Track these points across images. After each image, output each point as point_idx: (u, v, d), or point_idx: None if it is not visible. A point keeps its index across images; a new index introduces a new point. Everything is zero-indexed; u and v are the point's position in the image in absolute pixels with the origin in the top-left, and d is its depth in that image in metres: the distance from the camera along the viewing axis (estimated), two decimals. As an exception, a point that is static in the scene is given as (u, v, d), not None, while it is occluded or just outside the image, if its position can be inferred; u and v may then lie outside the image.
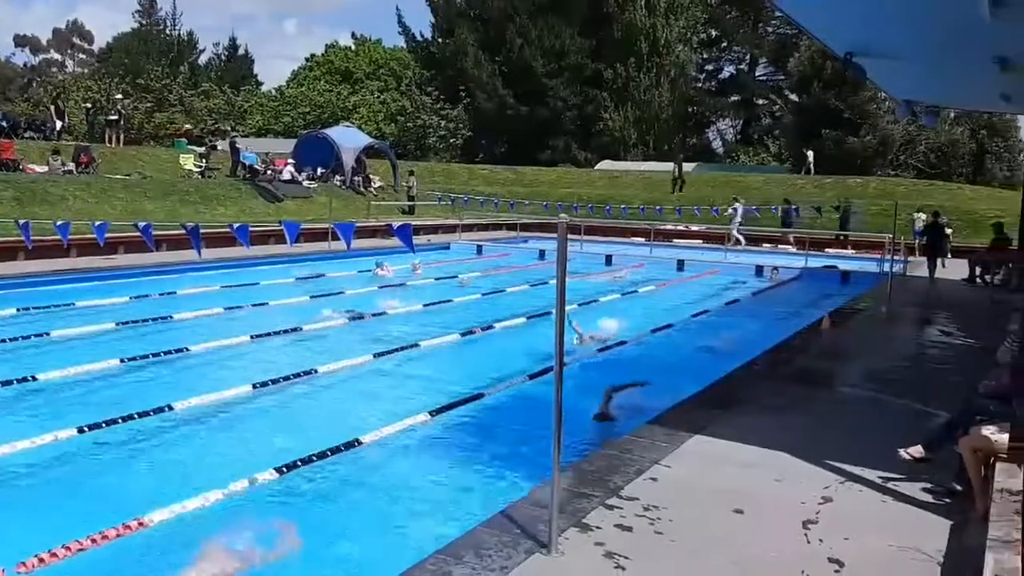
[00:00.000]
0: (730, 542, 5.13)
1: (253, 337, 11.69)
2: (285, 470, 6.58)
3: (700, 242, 29.66)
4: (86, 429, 7.34)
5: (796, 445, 6.83)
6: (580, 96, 56.44)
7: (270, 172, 30.43)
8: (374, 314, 13.86)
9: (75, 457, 7.15)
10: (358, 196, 32.05)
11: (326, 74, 69.28)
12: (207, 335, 11.66)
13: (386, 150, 38.42)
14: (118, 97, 37.37)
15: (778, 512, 5.60)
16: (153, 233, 15.00)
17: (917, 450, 6.20)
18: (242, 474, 6.38)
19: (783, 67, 56.11)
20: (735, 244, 27.83)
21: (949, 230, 25.90)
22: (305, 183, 30.69)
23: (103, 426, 7.52)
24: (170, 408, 8.12)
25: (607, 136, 55.79)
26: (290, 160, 31.90)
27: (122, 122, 33.97)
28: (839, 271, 21.82)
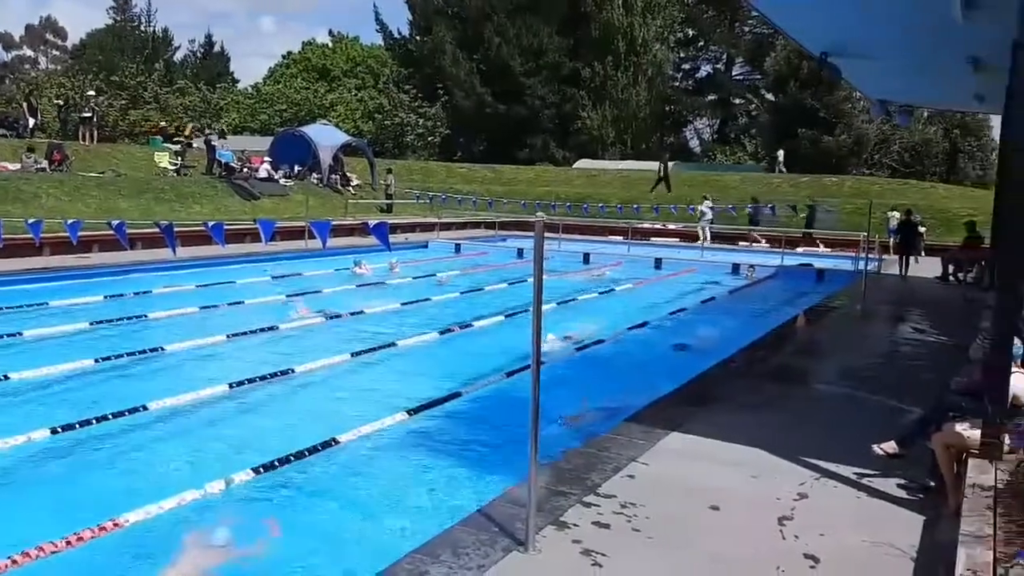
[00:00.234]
0: (706, 539, 5.17)
1: (229, 336, 11.61)
2: (262, 470, 6.54)
3: (677, 241, 29.87)
4: (59, 430, 7.26)
5: (772, 442, 6.88)
6: (558, 95, 56.54)
7: (246, 170, 30.22)
8: (351, 313, 13.80)
9: (48, 458, 7.06)
10: (335, 194, 31.93)
11: (303, 71, 69.00)
12: (182, 334, 11.56)
13: (364, 148, 38.29)
14: (91, 94, 36.90)
15: (754, 509, 5.64)
16: (127, 231, 14.90)
17: (891, 446, 6.26)
18: (218, 474, 6.33)
19: (759, 66, 56.55)
20: (703, 241, 28.42)
21: (923, 228, 26.24)
22: (282, 181, 30.52)
23: (76, 427, 7.44)
24: (145, 408, 8.04)
25: (585, 135, 55.92)
26: (267, 158, 31.71)
27: (95, 119, 33.62)
28: (814, 269, 21.99)
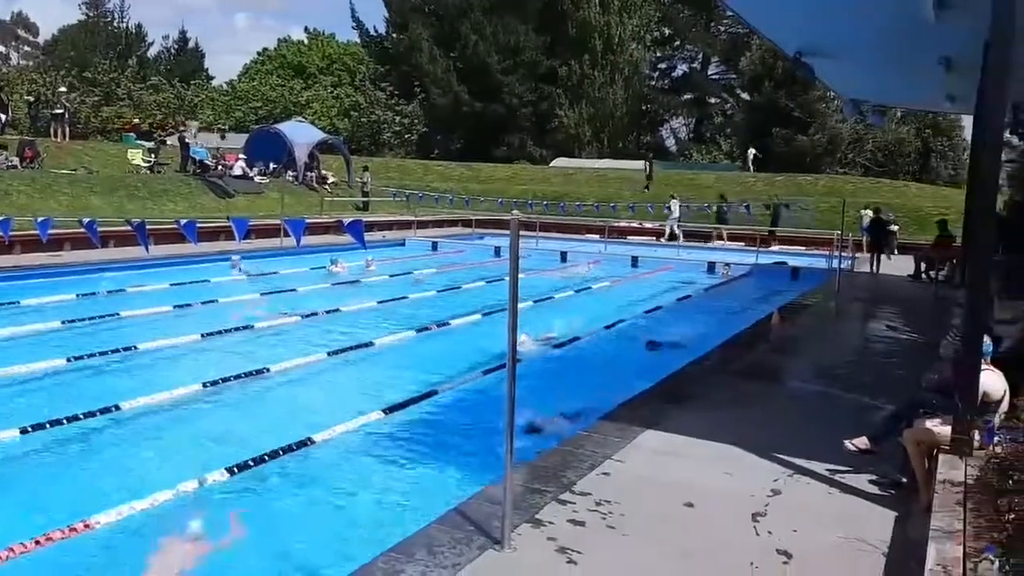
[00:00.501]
0: (681, 535, 5.20)
1: (203, 335, 11.53)
2: (236, 470, 6.50)
3: (654, 239, 30.04)
4: (30, 429, 7.18)
5: (746, 439, 6.93)
6: (535, 93, 56.57)
7: (221, 167, 29.97)
8: (327, 311, 13.73)
9: (18, 458, 6.98)
10: (311, 192, 31.76)
11: (278, 68, 68.52)
12: (156, 333, 11.45)
13: (340, 146, 38.10)
14: (62, 91, 36.43)
15: (728, 505, 5.68)
16: (100, 229, 14.77)
17: (863, 442, 6.32)
18: (192, 474, 6.29)
19: (735, 66, 56.92)
20: (671, 239, 29.03)
21: (896, 227, 26.54)
22: (257, 179, 30.29)
23: (47, 426, 7.36)
24: (117, 408, 7.97)
25: (562, 133, 55.99)
26: (241, 155, 31.46)
27: (67, 116, 33.18)
28: (789, 267, 22.15)
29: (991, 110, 6.01)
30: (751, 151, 44.18)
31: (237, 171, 29.79)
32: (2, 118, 30.64)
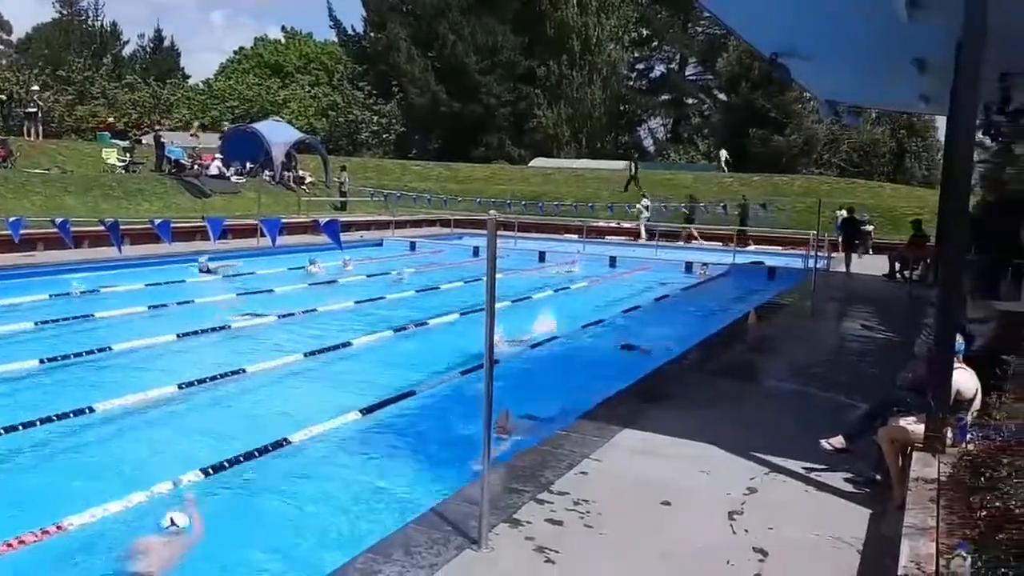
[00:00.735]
0: (658, 533, 5.21)
1: (179, 336, 11.43)
2: (211, 471, 6.45)
3: (632, 239, 30.12)
4: (2, 432, 7.09)
5: (723, 438, 6.97)
6: (513, 93, 56.53)
7: (197, 167, 29.73)
8: (304, 311, 13.66)
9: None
10: (289, 192, 31.57)
11: (255, 67, 68.00)
12: (131, 334, 11.35)
13: (317, 145, 37.90)
14: (35, 89, 35.97)
15: (705, 503, 5.70)
16: (75, 229, 14.60)
17: (838, 441, 6.37)
18: (167, 476, 6.24)
19: (712, 67, 57.19)
20: (639, 238, 29.37)
21: (870, 227, 26.82)
22: (233, 179, 30.07)
23: (20, 428, 7.27)
24: (91, 410, 7.89)
25: (540, 133, 55.99)
26: (218, 155, 31.22)
27: (41, 115, 32.78)
28: (765, 267, 22.28)
29: (963, 111, 6.07)
30: (723, 152, 44.51)
31: (213, 171, 29.56)
32: (-26, 117, 30.28)
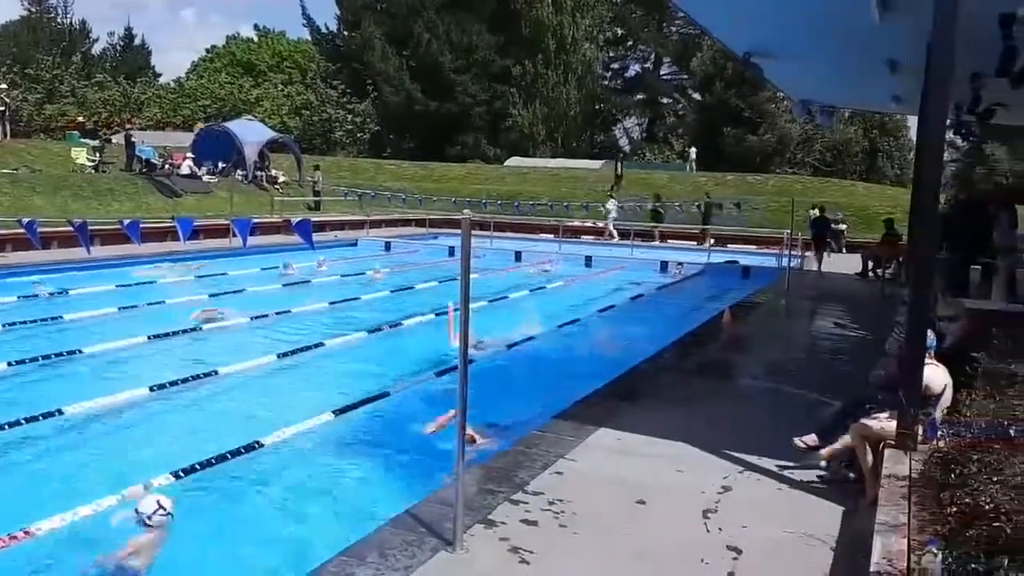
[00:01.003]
0: (632, 532, 5.21)
1: (150, 338, 11.30)
2: (183, 474, 6.38)
3: (597, 239, 30.19)
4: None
5: (698, 436, 6.98)
6: (488, 92, 56.45)
7: (168, 167, 29.43)
8: (277, 312, 13.55)
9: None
10: (261, 191, 31.32)
11: (228, 66, 67.48)
12: (101, 336, 11.21)
13: (290, 144, 37.64)
14: (3, 87, 35.42)
15: (679, 502, 5.71)
16: (42, 230, 14.39)
17: (811, 439, 6.40)
18: (137, 479, 6.17)
19: (686, 66, 57.43)
20: (609, 238, 29.47)
21: (844, 226, 27.07)
22: (205, 178, 29.81)
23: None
24: (60, 412, 7.79)
25: (516, 132, 55.98)
26: (189, 154, 30.92)
27: (8, 114, 32.32)
28: (740, 266, 22.42)
29: (934, 111, 6.12)
30: (692, 150, 44.89)
31: (185, 170, 29.27)
32: (-61, 116, 29.78)
